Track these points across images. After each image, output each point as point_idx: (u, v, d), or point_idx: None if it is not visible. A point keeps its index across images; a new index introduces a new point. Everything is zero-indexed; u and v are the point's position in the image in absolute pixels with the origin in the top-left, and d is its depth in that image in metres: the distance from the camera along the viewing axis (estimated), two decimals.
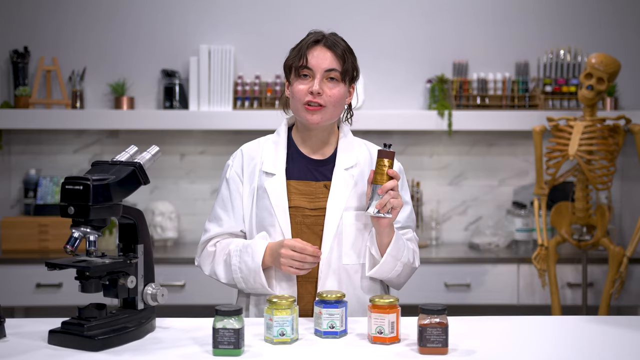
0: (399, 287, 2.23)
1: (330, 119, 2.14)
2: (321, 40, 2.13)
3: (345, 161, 2.19)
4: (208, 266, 2.19)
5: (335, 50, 2.12)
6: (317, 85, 2.09)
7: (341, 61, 2.12)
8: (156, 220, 3.99)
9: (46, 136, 4.19)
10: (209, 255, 2.19)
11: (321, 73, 2.10)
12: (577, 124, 3.49)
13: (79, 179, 1.81)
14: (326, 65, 2.11)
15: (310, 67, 2.10)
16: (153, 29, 4.17)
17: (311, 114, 2.10)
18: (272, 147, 2.22)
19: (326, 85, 2.11)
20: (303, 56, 2.11)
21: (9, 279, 3.68)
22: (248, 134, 3.26)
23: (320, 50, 2.12)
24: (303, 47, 2.13)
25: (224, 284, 2.17)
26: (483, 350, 1.78)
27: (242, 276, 2.10)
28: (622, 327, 1.93)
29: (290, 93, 2.17)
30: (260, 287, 2.10)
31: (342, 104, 2.16)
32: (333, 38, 2.15)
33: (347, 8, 4.16)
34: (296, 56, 2.13)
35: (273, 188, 2.14)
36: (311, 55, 2.11)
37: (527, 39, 4.19)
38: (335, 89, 2.12)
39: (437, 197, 4.25)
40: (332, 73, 2.11)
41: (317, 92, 2.09)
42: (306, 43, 2.13)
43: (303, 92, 2.11)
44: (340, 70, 2.12)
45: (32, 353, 1.74)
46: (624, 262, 3.50)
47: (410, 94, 4.20)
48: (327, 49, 2.12)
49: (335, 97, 2.12)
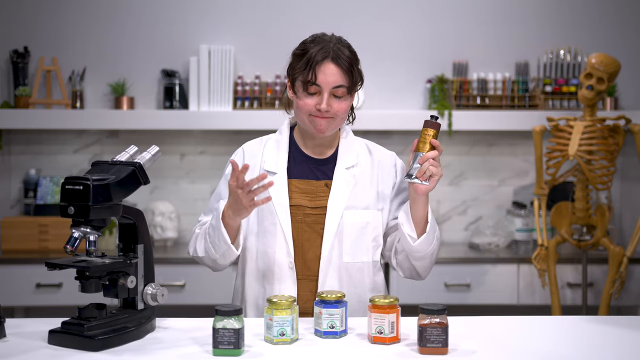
0: (425, 276, 2.20)
1: (336, 128, 2.16)
2: (329, 54, 2.09)
3: (346, 160, 2.20)
4: (192, 246, 2.19)
5: (343, 65, 2.09)
6: (324, 103, 2.08)
7: (349, 76, 2.10)
8: (156, 220, 3.99)
9: (46, 136, 4.19)
10: (194, 236, 2.20)
11: (329, 90, 2.09)
12: (577, 124, 3.49)
13: (79, 179, 1.81)
14: (334, 81, 2.09)
15: (318, 84, 2.09)
16: (153, 29, 4.17)
17: (319, 124, 2.10)
18: (274, 145, 2.22)
19: (333, 101, 2.10)
20: (312, 72, 2.08)
21: (9, 279, 3.68)
22: (248, 134, 3.26)
23: (328, 66, 2.09)
24: (312, 61, 2.09)
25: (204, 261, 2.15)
26: (483, 350, 1.78)
27: (210, 241, 2.08)
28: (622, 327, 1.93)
29: (295, 102, 2.15)
30: (225, 247, 2.05)
31: (347, 113, 2.17)
32: (340, 50, 2.11)
33: (347, 8, 4.16)
34: (305, 70, 2.09)
35: (274, 186, 2.14)
36: (320, 71, 2.08)
37: (527, 39, 4.19)
38: (343, 103, 2.12)
39: (437, 197, 4.25)
40: (339, 90, 2.10)
41: (326, 110, 2.09)
42: (315, 57, 2.09)
43: (310, 106, 2.10)
44: (347, 86, 2.11)
45: (32, 353, 1.74)
46: (624, 262, 3.50)
47: (410, 94, 4.20)
48: (335, 64, 2.09)
49: (343, 111, 2.12)
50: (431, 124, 2.05)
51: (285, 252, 2.13)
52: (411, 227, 2.10)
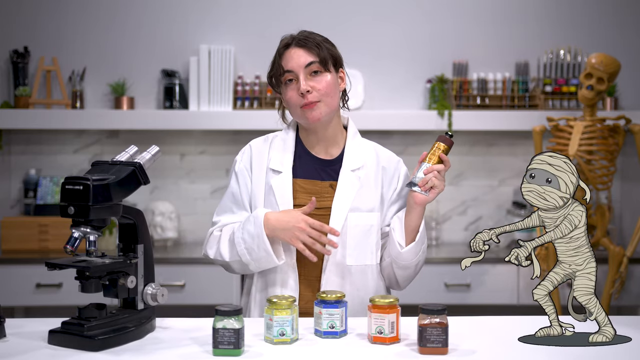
0: (404, 286, 2.22)
1: (328, 111, 2.14)
2: (291, 42, 2.14)
3: (352, 162, 2.19)
4: (214, 248, 2.16)
5: (306, 44, 2.12)
6: (303, 83, 2.09)
7: (316, 51, 2.12)
8: (156, 220, 3.99)
9: (46, 136, 4.19)
10: (215, 239, 2.18)
11: (302, 71, 2.11)
12: (577, 124, 3.49)
13: (79, 179, 1.80)
14: (302, 61, 2.11)
15: (290, 70, 2.11)
16: (153, 29, 4.17)
17: (309, 112, 2.11)
18: (281, 144, 2.22)
19: (312, 81, 2.11)
20: (279, 63, 2.13)
21: (9, 279, 3.68)
22: (248, 134, 3.26)
23: (293, 50, 2.13)
24: (276, 55, 2.15)
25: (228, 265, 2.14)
26: (483, 350, 1.78)
27: (246, 247, 2.07)
28: (622, 327, 1.93)
29: (285, 103, 2.18)
30: (264, 255, 2.05)
31: (335, 93, 2.15)
32: (301, 35, 2.16)
33: (347, 8, 4.16)
34: (274, 66, 2.15)
35: (279, 185, 2.14)
36: (286, 59, 2.12)
37: (527, 39, 4.19)
38: (322, 81, 2.12)
39: (437, 197, 4.23)
40: (312, 66, 2.11)
41: (307, 91, 2.09)
42: (279, 51, 2.15)
43: (295, 97, 2.12)
44: (318, 61, 2.12)
45: (32, 353, 1.74)
46: (624, 262, 3.50)
47: (410, 94, 4.20)
48: (299, 47, 2.13)
49: (325, 88, 2.12)
50: (444, 139, 2.09)
51: (288, 252, 2.13)
52: (402, 234, 2.12)
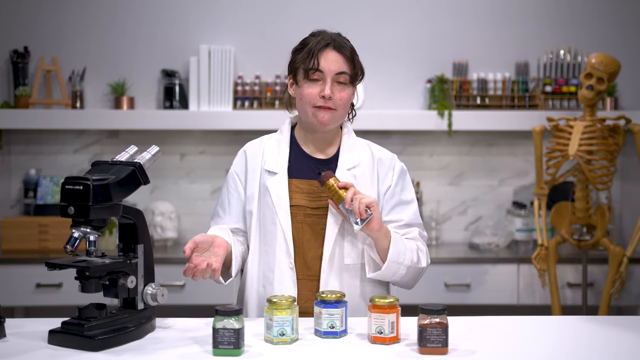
0: (409, 287, 2.22)
1: (338, 121, 2.16)
2: (330, 43, 2.12)
3: (348, 161, 2.19)
4: None
5: (345, 53, 2.12)
6: (328, 89, 2.09)
7: (351, 64, 2.13)
8: (156, 220, 3.99)
9: (46, 136, 4.19)
10: None
11: (332, 76, 2.10)
12: (577, 124, 3.49)
13: (79, 179, 1.81)
14: (336, 68, 2.11)
15: (321, 70, 2.10)
16: (153, 29, 4.17)
17: (322, 116, 2.11)
18: (275, 145, 2.23)
19: (335, 88, 2.11)
20: (314, 58, 2.10)
21: (9, 279, 3.68)
22: (248, 134, 3.26)
23: (330, 53, 2.11)
24: (314, 49, 2.11)
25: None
26: (483, 350, 1.78)
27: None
28: (622, 327, 1.93)
29: (297, 94, 2.16)
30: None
31: (348, 106, 2.17)
32: (340, 40, 2.15)
33: (347, 8, 4.16)
34: (307, 58, 2.11)
35: (274, 186, 2.15)
36: (323, 58, 2.10)
37: (527, 39, 4.19)
38: (344, 91, 2.12)
39: (437, 197, 4.25)
40: (342, 77, 2.11)
41: (329, 97, 2.09)
42: (317, 46, 2.11)
43: (313, 95, 2.11)
44: (350, 74, 2.12)
45: (32, 353, 1.74)
46: (624, 262, 3.50)
47: (410, 94, 4.20)
48: (337, 51, 2.12)
49: (345, 100, 2.13)
50: (325, 177, 2.05)
51: (285, 252, 2.13)
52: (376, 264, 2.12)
